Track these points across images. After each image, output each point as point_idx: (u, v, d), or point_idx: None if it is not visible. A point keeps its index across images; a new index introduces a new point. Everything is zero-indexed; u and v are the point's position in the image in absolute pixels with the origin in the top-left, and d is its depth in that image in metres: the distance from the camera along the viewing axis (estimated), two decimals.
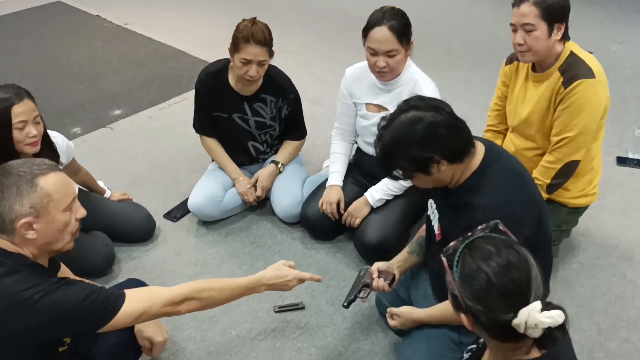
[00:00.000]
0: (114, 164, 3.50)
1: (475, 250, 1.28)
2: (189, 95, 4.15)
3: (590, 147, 2.41)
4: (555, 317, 1.16)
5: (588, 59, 2.31)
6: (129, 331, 2.03)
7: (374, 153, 1.86)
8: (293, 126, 3.00)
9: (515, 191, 1.77)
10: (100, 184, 2.99)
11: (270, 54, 2.67)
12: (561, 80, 2.30)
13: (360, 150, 2.87)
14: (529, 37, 2.25)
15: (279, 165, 2.96)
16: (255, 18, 2.67)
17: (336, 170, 2.82)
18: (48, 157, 2.31)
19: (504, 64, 2.59)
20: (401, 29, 2.41)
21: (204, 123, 2.95)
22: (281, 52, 3.01)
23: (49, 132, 2.43)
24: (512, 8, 2.29)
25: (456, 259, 1.28)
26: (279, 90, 2.84)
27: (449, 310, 1.86)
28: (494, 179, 1.76)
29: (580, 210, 2.59)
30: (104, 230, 2.71)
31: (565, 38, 2.31)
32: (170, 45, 5.04)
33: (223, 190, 2.97)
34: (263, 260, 2.79)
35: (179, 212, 3.08)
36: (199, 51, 4.87)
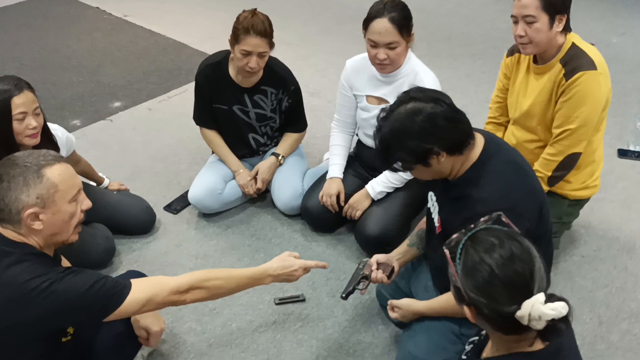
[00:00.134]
0: (114, 156, 3.49)
1: (478, 242, 1.27)
2: (189, 87, 4.14)
3: (591, 139, 2.40)
4: (559, 309, 1.16)
5: (590, 50, 2.30)
6: (129, 323, 2.03)
7: (374, 145, 1.85)
8: (293, 118, 2.99)
9: (516, 183, 1.76)
10: (100, 174, 2.99)
11: (271, 45, 2.66)
12: (563, 72, 2.29)
13: (361, 143, 2.86)
14: (530, 29, 2.24)
15: (279, 158, 2.95)
16: (255, 9, 2.66)
17: (336, 163, 2.81)
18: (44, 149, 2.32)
19: (505, 56, 2.58)
20: (402, 20, 2.40)
21: (204, 115, 2.94)
22: (281, 45, 3.00)
23: (49, 125, 2.42)
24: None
25: (459, 251, 1.28)
26: (280, 82, 2.82)
27: (449, 303, 1.87)
28: (494, 171, 1.76)
29: (581, 202, 2.59)
30: (104, 223, 2.71)
31: (566, 30, 2.30)
32: (170, 37, 5.02)
33: (223, 182, 2.97)
34: (263, 253, 2.79)
35: (179, 205, 3.08)
36: (199, 43, 4.85)
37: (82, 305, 1.62)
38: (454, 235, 1.33)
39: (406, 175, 2.59)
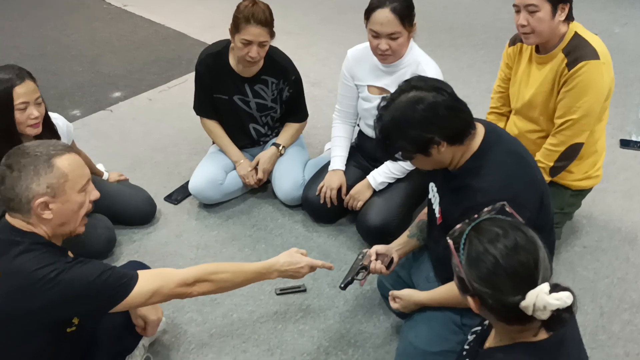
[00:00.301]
0: (114, 146, 3.48)
1: (481, 232, 1.26)
2: (190, 77, 4.12)
3: (594, 129, 2.39)
4: (564, 299, 1.16)
5: (593, 40, 2.28)
6: (128, 314, 2.03)
7: (374, 134, 1.84)
8: (294, 108, 2.97)
9: (516, 173, 1.76)
10: (99, 167, 2.99)
11: (272, 35, 2.64)
12: (565, 61, 2.27)
13: (362, 134, 2.85)
14: (533, 18, 2.22)
15: (280, 148, 2.94)
16: None
17: (338, 154, 2.80)
18: (49, 139, 2.31)
19: (507, 46, 2.56)
20: (404, 11, 2.37)
21: (205, 105, 2.93)
22: (282, 34, 2.98)
23: (50, 114, 2.41)
24: None
25: (462, 242, 1.27)
26: (281, 71, 2.81)
27: (450, 293, 1.88)
28: (495, 161, 1.75)
29: (583, 192, 2.58)
30: (105, 213, 2.70)
31: (569, 19, 2.28)
32: (170, 27, 5.00)
33: (224, 172, 2.96)
34: (264, 243, 2.79)
35: (179, 195, 3.07)
36: (199, 33, 4.83)
37: (89, 295, 1.62)
38: (458, 226, 1.32)
39: (408, 166, 2.58)
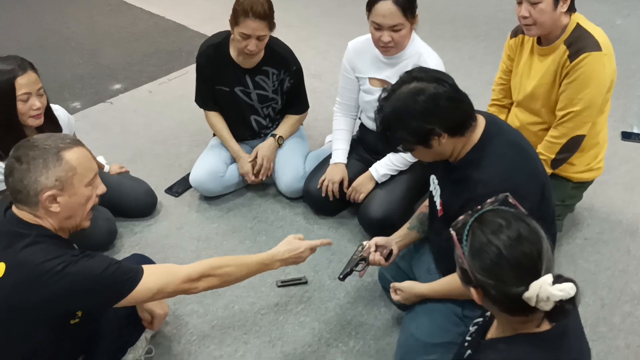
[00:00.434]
0: (114, 138, 3.48)
1: (485, 223, 1.26)
2: (190, 69, 4.12)
3: (596, 121, 2.38)
4: (567, 290, 1.16)
5: (595, 31, 2.27)
6: (131, 306, 2.03)
7: (375, 125, 1.83)
8: (295, 99, 2.96)
9: (517, 164, 1.75)
10: (100, 159, 2.98)
11: (271, 27, 2.62)
12: (567, 53, 2.26)
13: (364, 126, 2.84)
14: (534, 10, 2.21)
15: (277, 138, 2.93)
16: None
17: (340, 148, 2.79)
18: (51, 130, 2.33)
19: (508, 37, 2.55)
20: (406, 2, 2.35)
21: (207, 97, 2.92)
22: (282, 26, 2.97)
23: (51, 106, 2.41)
24: None
25: (465, 233, 1.27)
26: (281, 62, 2.80)
27: (451, 285, 1.88)
28: (495, 153, 1.75)
29: (585, 184, 2.57)
30: (105, 205, 2.69)
31: (571, 10, 2.27)
32: (170, 18, 4.98)
33: (225, 165, 2.95)
34: (265, 236, 2.79)
35: (180, 187, 3.07)
36: (199, 25, 4.81)
37: (95, 288, 1.63)
38: (461, 217, 1.32)
39: (410, 158, 2.58)
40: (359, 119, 2.88)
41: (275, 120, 3.02)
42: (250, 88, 2.82)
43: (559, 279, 1.18)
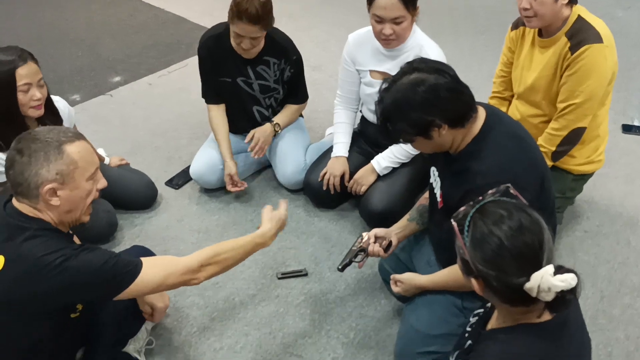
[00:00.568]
0: (114, 131, 3.47)
1: (486, 214, 1.26)
2: (189, 62, 4.11)
3: (596, 114, 2.38)
4: (569, 281, 1.16)
5: (596, 23, 2.26)
6: (132, 299, 2.03)
7: (375, 116, 1.83)
8: (294, 89, 2.94)
9: (517, 156, 1.75)
10: (100, 152, 2.98)
11: (266, 27, 2.59)
12: (568, 45, 2.26)
13: (365, 119, 2.84)
14: (535, 2, 2.20)
15: (274, 124, 2.91)
16: None
17: (341, 141, 2.78)
18: (51, 121, 2.32)
19: (509, 29, 2.55)
20: None
21: (211, 90, 2.89)
22: (282, 17, 2.96)
23: (52, 97, 2.40)
24: None
25: (467, 224, 1.27)
26: (282, 51, 2.78)
27: (451, 277, 1.88)
28: (495, 144, 1.74)
29: (585, 177, 2.57)
30: (106, 197, 2.69)
31: (572, 2, 2.26)
32: (170, 10, 4.97)
33: None
34: None
35: (180, 180, 3.07)
36: (198, 17, 4.80)
37: (95, 281, 1.63)
38: (462, 208, 1.32)
39: (412, 150, 2.58)
40: (360, 111, 2.88)
41: (277, 111, 3.01)
42: (252, 78, 2.81)
43: (560, 270, 1.18)
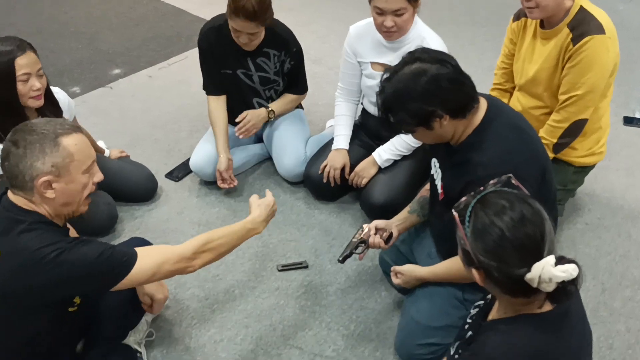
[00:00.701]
0: (114, 123, 3.46)
1: (487, 204, 1.26)
2: (189, 54, 4.10)
3: (598, 106, 2.37)
4: (570, 271, 1.15)
5: (598, 14, 2.25)
6: (132, 290, 2.03)
7: (377, 106, 1.82)
8: (294, 80, 2.93)
9: (518, 147, 1.74)
10: (100, 144, 2.97)
11: (263, 23, 2.57)
12: (570, 36, 2.24)
13: (366, 112, 2.83)
14: None
15: (269, 111, 2.89)
16: None
17: (342, 133, 2.78)
18: (51, 112, 2.32)
19: (511, 21, 2.54)
20: None
21: (211, 82, 2.88)
22: (281, 10, 2.95)
23: (51, 88, 2.40)
24: None
25: (468, 214, 1.26)
26: (282, 43, 2.77)
27: (452, 268, 1.88)
28: (496, 135, 1.74)
29: (586, 169, 2.57)
30: (106, 190, 2.68)
31: None
32: (169, 3, 4.94)
33: None
34: None
35: (180, 172, 3.06)
36: (198, 9, 4.77)
37: (91, 274, 1.62)
38: (463, 199, 1.31)
39: (413, 143, 2.57)
40: (361, 104, 2.87)
41: None
42: (252, 70, 2.80)
43: (561, 260, 1.18)
